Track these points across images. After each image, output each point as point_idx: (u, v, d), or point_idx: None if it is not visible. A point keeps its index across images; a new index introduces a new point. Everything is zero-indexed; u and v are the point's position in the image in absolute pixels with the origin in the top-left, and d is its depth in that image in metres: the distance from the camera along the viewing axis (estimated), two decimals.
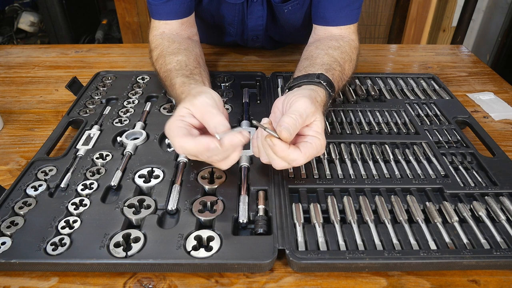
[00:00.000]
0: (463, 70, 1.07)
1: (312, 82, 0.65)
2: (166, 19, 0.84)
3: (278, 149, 0.52)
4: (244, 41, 1.07)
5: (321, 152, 0.56)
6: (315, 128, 0.55)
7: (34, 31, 2.61)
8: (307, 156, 0.53)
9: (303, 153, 0.53)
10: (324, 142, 0.55)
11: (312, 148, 0.53)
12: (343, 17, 0.83)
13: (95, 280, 0.49)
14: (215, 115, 0.53)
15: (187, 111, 0.55)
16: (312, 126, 0.55)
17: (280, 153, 0.52)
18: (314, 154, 0.54)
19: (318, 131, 0.55)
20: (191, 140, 0.52)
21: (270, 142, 0.52)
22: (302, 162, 0.53)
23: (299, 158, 0.52)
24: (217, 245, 0.50)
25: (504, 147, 0.70)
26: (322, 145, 0.55)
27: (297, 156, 0.52)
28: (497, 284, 0.49)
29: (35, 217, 0.54)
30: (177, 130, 0.53)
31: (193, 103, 0.55)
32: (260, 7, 0.94)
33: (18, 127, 0.80)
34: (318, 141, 0.54)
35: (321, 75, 0.66)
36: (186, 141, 0.52)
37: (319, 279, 0.49)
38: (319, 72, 0.67)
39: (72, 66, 1.07)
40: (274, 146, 0.52)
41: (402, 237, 0.52)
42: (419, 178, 0.61)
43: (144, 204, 0.57)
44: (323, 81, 0.65)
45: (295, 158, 0.52)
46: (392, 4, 2.38)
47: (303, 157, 0.53)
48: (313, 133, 0.55)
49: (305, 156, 0.53)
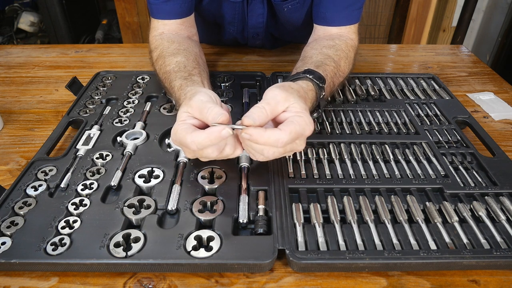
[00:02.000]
0: (463, 70, 1.07)
1: (297, 78, 0.65)
2: (166, 19, 0.84)
3: (256, 137, 0.50)
4: (244, 39, 1.07)
5: (309, 129, 0.52)
6: (293, 109, 0.53)
7: (34, 31, 2.61)
8: (289, 132, 0.50)
9: (284, 130, 0.50)
10: (308, 119, 0.52)
11: (294, 124, 0.51)
12: (344, 17, 0.83)
13: (95, 280, 0.49)
14: (213, 108, 0.52)
15: (186, 114, 0.54)
16: (290, 109, 0.53)
17: (260, 139, 0.50)
18: (299, 131, 0.51)
19: (298, 110, 0.53)
20: (201, 132, 0.51)
21: (246, 135, 0.50)
22: (286, 140, 0.50)
23: (282, 135, 0.50)
24: (217, 245, 0.50)
25: (504, 147, 0.70)
26: (306, 122, 0.52)
27: (279, 135, 0.50)
28: (497, 284, 0.49)
29: (35, 217, 0.54)
30: (184, 130, 0.52)
31: (190, 105, 0.54)
32: (260, 5, 0.94)
33: (18, 127, 0.80)
34: (299, 118, 0.52)
35: (307, 70, 0.65)
36: (197, 135, 0.51)
37: (319, 279, 0.49)
38: (305, 68, 0.67)
39: (72, 66, 1.07)
40: (251, 136, 0.50)
41: (402, 237, 0.52)
42: (419, 178, 0.61)
43: (144, 204, 0.57)
44: (309, 74, 0.64)
45: (277, 138, 0.50)
46: (392, 4, 2.38)
47: (286, 134, 0.50)
48: (292, 114, 0.53)
49: (287, 132, 0.50)
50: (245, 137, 0.50)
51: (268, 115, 0.52)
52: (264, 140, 0.50)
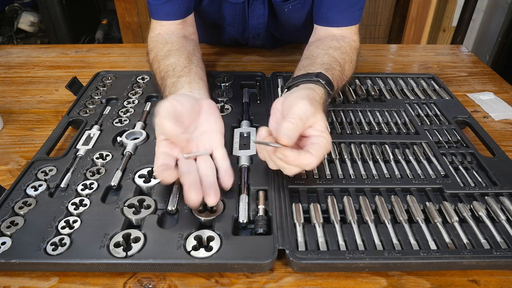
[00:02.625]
0: (463, 70, 1.07)
1: (311, 80, 0.65)
2: (165, 20, 0.84)
3: (290, 159, 0.52)
4: (245, 40, 1.07)
5: (329, 150, 0.56)
6: (318, 127, 0.56)
7: (34, 31, 2.61)
8: (318, 157, 0.53)
9: (315, 155, 0.53)
10: (330, 139, 0.55)
11: (321, 147, 0.54)
12: (345, 18, 0.83)
13: (95, 280, 0.49)
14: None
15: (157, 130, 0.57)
16: (315, 126, 0.56)
17: (293, 161, 0.53)
18: (324, 154, 0.54)
19: (322, 129, 0.56)
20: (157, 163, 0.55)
21: (281, 155, 0.52)
22: (315, 164, 0.53)
23: (312, 160, 0.53)
24: (217, 245, 0.50)
25: (504, 147, 0.70)
26: (329, 143, 0.55)
27: (310, 160, 0.53)
28: (497, 284, 0.49)
29: (35, 217, 0.54)
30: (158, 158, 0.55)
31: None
32: (261, 5, 0.94)
33: (18, 127, 0.80)
34: (324, 140, 0.55)
35: (320, 74, 0.66)
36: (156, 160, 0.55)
37: (319, 279, 0.49)
38: (318, 71, 0.67)
39: (72, 66, 1.07)
40: (285, 157, 0.52)
41: (402, 237, 0.52)
42: (419, 178, 0.61)
43: (144, 204, 0.57)
44: (322, 80, 0.65)
45: (309, 162, 0.53)
46: (392, 4, 2.38)
47: (315, 159, 0.53)
48: (317, 133, 0.55)
49: (317, 157, 0.53)
50: (279, 157, 0.53)
51: (299, 131, 0.55)
52: (296, 163, 0.53)
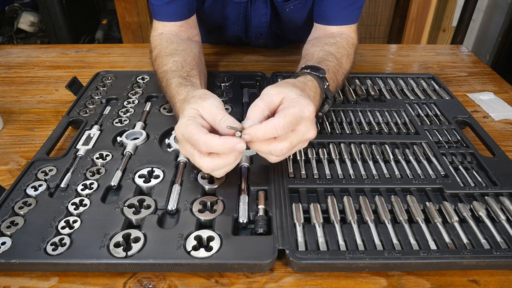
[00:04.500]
0: (463, 70, 1.07)
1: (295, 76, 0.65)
2: (168, 21, 0.84)
3: (254, 132, 0.49)
4: (248, 39, 1.07)
5: (307, 111, 0.51)
6: (288, 98, 0.52)
7: (34, 31, 2.61)
8: (284, 115, 0.49)
9: (279, 116, 0.49)
10: (305, 101, 0.51)
11: (288, 108, 0.50)
12: (344, 16, 0.84)
13: (95, 280, 0.49)
14: (227, 117, 0.51)
15: (195, 111, 0.53)
16: (285, 99, 0.53)
17: (258, 132, 0.49)
18: (296, 114, 0.50)
19: (292, 98, 0.52)
20: (216, 137, 0.49)
21: (247, 136, 0.49)
22: (284, 122, 0.49)
23: (277, 121, 0.49)
24: (217, 245, 0.50)
25: (504, 147, 0.70)
26: (302, 104, 0.51)
27: (274, 122, 0.49)
28: (497, 284, 0.49)
29: (35, 217, 0.54)
30: (196, 127, 0.50)
31: (202, 105, 0.53)
32: (263, 5, 0.94)
33: (18, 127, 0.80)
34: (293, 102, 0.51)
35: (305, 66, 0.66)
36: (211, 138, 0.49)
37: (319, 279, 0.49)
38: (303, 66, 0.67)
39: (72, 66, 1.07)
40: (250, 134, 0.49)
41: (402, 237, 0.52)
42: (419, 178, 0.61)
43: (144, 204, 0.57)
44: (306, 69, 0.64)
45: (274, 124, 0.48)
46: (392, 4, 2.38)
47: (282, 118, 0.49)
48: (286, 102, 0.52)
49: (282, 116, 0.49)
50: (246, 139, 0.50)
51: (264, 109, 0.52)
52: (262, 132, 0.49)
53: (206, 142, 0.49)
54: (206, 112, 0.53)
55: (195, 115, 0.53)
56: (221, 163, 0.51)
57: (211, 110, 0.52)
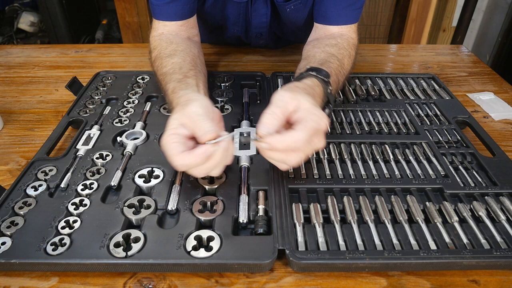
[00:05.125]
0: (463, 70, 1.07)
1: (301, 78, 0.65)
2: (168, 20, 0.84)
3: (274, 143, 0.50)
4: (248, 39, 1.07)
5: (323, 124, 0.52)
6: (303, 107, 0.53)
7: (34, 31, 2.61)
8: (306, 130, 0.50)
9: (300, 130, 0.50)
10: (320, 113, 0.52)
11: (307, 121, 0.51)
12: (344, 16, 0.84)
13: (95, 280, 0.49)
14: (203, 123, 0.52)
15: (177, 122, 0.54)
16: (300, 107, 0.53)
17: (279, 144, 0.50)
18: (314, 127, 0.51)
19: (308, 107, 0.53)
20: (188, 154, 0.51)
21: (265, 145, 0.50)
22: (304, 138, 0.50)
23: (299, 135, 0.50)
24: (217, 245, 0.50)
25: (504, 147, 0.70)
26: (319, 115, 0.52)
27: (296, 135, 0.50)
28: (497, 284, 0.49)
29: (35, 217, 0.54)
30: (173, 147, 0.52)
31: (183, 113, 0.54)
32: (264, 5, 0.94)
33: (18, 127, 0.80)
34: (311, 115, 0.52)
35: (309, 68, 0.66)
36: (184, 157, 0.51)
37: (319, 279, 0.49)
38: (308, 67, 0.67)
39: (72, 66, 1.07)
40: (269, 144, 0.50)
41: (402, 237, 0.52)
42: (419, 178, 0.61)
43: (144, 204, 0.57)
44: (311, 71, 0.64)
45: (295, 138, 0.49)
46: (392, 4, 2.38)
47: (302, 132, 0.50)
48: (303, 112, 0.52)
49: (303, 131, 0.50)
50: (264, 147, 0.50)
51: (280, 118, 0.52)
52: (283, 144, 0.50)
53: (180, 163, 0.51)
54: (187, 121, 0.53)
55: (177, 125, 0.53)
56: (209, 166, 0.53)
57: (191, 118, 0.53)
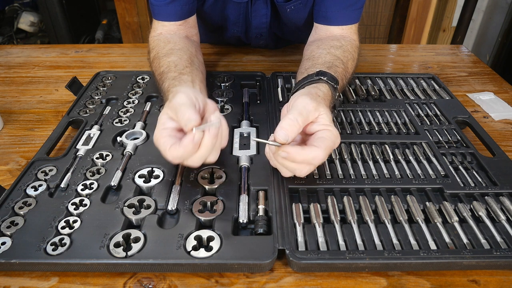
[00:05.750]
0: (463, 70, 1.07)
1: (312, 80, 0.65)
2: (168, 20, 0.84)
3: (294, 155, 0.51)
4: (248, 39, 1.07)
5: (337, 143, 0.54)
6: (322, 121, 0.55)
7: (34, 31, 2.61)
8: (325, 149, 0.52)
9: (320, 148, 0.52)
10: (337, 132, 0.54)
11: (327, 140, 0.53)
12: (345, 16, 0.83)
13: (95, 280, 0.49)
14: (185, 112, 0.52)
15: (166, 116, 0.55)
16: (319, 120, 0.55)
17: (298, 157, 0.51)
18: (331, 146, 0.53)
19: (326, 123, 0.54)
20: (178, 146, 0.51)
21: (284, 154, 0.51)
22: (323, 156, 0.52)
23: (319, 153, 0.51)
24: (217, 245, 0.50)
25: (504, 147, 0.70)
26: (336, 135, 0.54)
27: (316, 153, 0.51)
28: (497, 284, 0.49)
29: (35, 217, 0.54)
30: (164, 141, 0.53)
31: (169, 107, 0.55)
32: (264, 5, 0.94)
33: (18, 127, 0.80)
34: (329, 133, 0.54)
35: (320, 72, 0.66)
36: (175, 149, 0.52)
37: (319, 279, 0.49)
38: (317, 70, 0.67)
39: (72, 66, 1.07)
40: (289, 154, 0.51)
41: (402, 237, 0.52)
42: (419, 178, 0.61)
43: (144, 204, 0.57)
44: (323, 77, 0.65)
45: (315, 155, 0.51)
46: (392, 4, 2.38)
47: (321, 151, 0.52)
48: (322, 127, 0.54)
49: (323, 149, 0.52)
50: (283, 155, 0.51)
51: (300, 127, 0.53)
52: (302, 158, 0.51)
53: (173, 156, 0.52)
54: (173, 113, 0.54)
55: (165, 120, 0.55)
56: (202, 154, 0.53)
57: (175, 108, 0.54)
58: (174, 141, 0.53)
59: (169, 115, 0.55)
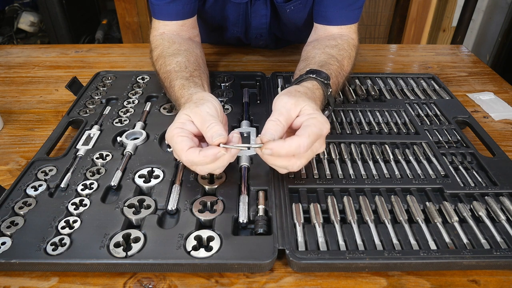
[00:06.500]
0: (463, 70, 1.07)
1: (301, 80, 0.65)
2: (168, 20, 0.84)
3: (277, 149, 0.50)
4: (248, 39, 1.07)
5: (326, 128, 0.53)
6: (306, 112, 0.54)
7: (34, 31, 2.61)
8: (309, 136, 0.50)
9: (303, 136, 0.50)
10: (323, 118, 0.53)
11: (310, 126, 0.51)
12: (344, 16, 0.83)
13: (95, 280, 0.49)
14: (215, 126, 0.52)
15: (187, 117, 0.55)
16: (303, 112, 0.54)
17: (282, 150, 0.50)
18: (316, 132, 0.51)
19: (310, 112, 0.53)
20: (197, 152, 0.52)
21: (267, 150, 0.50)
22: (308, 142, 0.50)
23: (302, 141, 0.50)
24: (217, 245, 0.50)
25: (504, 147, 0.70)
26: (322, 121, 0.52)
27: (299, 141, 0.50)
28: (497, 284, 0.49)
29: (35, 217, 0.54)
30: (181, 141, 0.53)
31: (195, 111, 0.55)
32: (263, 6, 0.94)
33: (18, 127, 0.80)
34: (314, 120, 0.52)
35: (310, 70, 0.66)
36: (192, 154, 0.52)
37: (319, 279, 0.49)
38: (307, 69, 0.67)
39: (72, 66, 1.07)
40: (272, 149, 0.50)
41: (402, 237, 0.52)
42: (419, 178, 0.61)
43: (144, 204, 0.57)
44: (312, 74, 0.65)
45: (298, 144, 0.50)
46: (392, 4, 2.38)
47: (306, 138, 0.50)
48: (306, 117, 0.53)
49: (306, 137, 0.50)
50: (267, 153, 0.51)
51: (284, 125, 0.53)
52: (285, 150, 0.50)
53: (188, 159, 0.52)
54: (197, 119, 0.54)
55: (185, 121, 0.55)
56: (214, 167, 0.53)
57: (203, 118, 0.54)
58: (192, 144, 0.53)
59: (191, 118, 0.55)
